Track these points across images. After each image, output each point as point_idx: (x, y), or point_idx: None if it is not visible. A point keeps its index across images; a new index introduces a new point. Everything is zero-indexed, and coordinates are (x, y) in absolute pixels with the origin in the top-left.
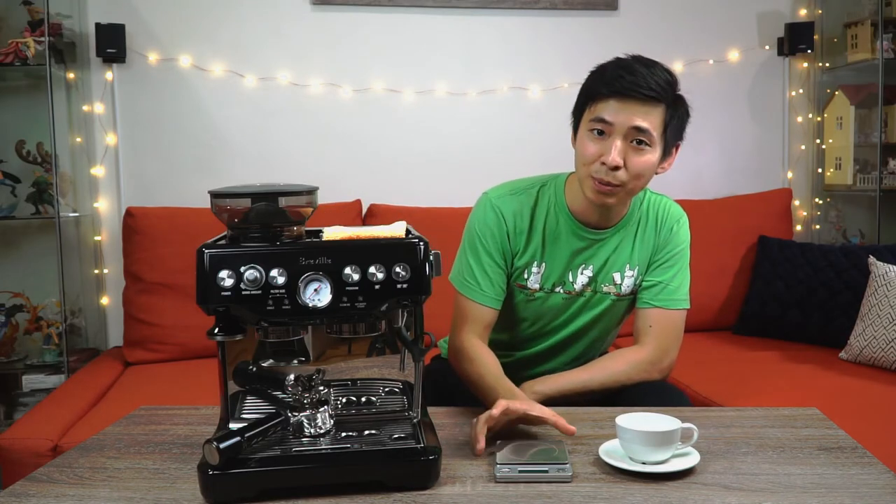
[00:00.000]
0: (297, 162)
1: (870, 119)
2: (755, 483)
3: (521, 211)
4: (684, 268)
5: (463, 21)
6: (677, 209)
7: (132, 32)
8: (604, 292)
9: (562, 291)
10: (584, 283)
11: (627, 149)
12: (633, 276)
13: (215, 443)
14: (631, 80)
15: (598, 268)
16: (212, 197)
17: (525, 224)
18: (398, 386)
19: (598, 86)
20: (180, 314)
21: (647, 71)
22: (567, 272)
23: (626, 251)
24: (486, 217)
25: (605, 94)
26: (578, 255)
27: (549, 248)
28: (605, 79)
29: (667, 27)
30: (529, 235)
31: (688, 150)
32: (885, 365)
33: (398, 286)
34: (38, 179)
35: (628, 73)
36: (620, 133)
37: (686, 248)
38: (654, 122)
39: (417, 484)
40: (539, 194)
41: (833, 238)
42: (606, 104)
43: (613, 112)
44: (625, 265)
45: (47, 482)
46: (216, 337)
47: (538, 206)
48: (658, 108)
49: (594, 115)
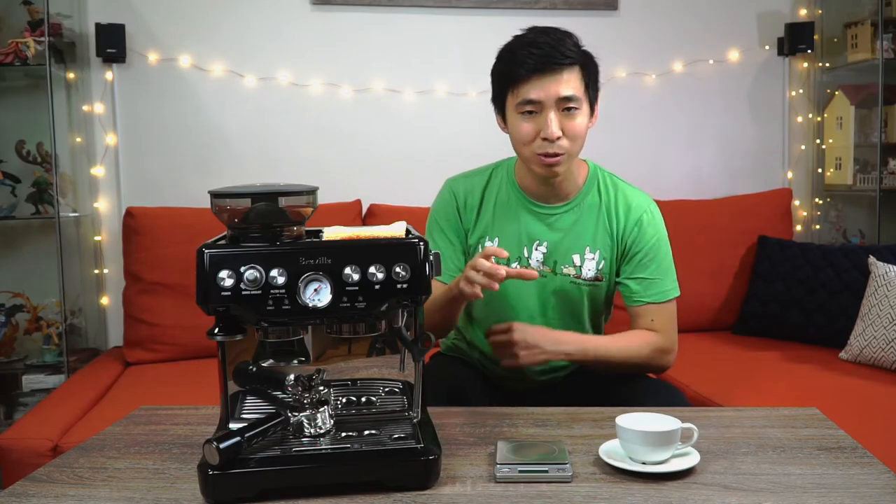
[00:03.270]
0: (297, 162)
1: (870, 119)
2: (755, 483)
3: (472, 189)
4: (666, 257)
5: (463, 21)
6: (642, 199)
7: (132, 32)
8: (563, 273)
9: (517, 266)
10: (540, 261)
11: (561, 118)
12: (595, 261)
13: (215, 443)
14: (541, 53)
15: (553, 245)
16: (212, 197)
17: (476, 200)
18: (398, 386)
19: (514, 69)
20: (180, 314)
21: (552, 39)
22: (521, 247)
23: (586, 233)
24: (441, 197)
25: (524, 74)
26: (532, 231)
27: (500, 223)
28: (517, 60)
29: (667, 27)
30: (480, 211)
31: (688, 150)
32: (885, 365)
33: (398, 286)
34: (38, 179)
35: (537, 49)
36: (551, 106)
37: (662, 238)
38: (576, 85)
39: (417, 484)
40: (492, 174)
41: (833, 238)
42: (528, 84)
43: (537, 89)
44: (584, 247)
45: (47, 482)
46: (216, 337)
47: (490, 184)
48: (574, 70)
49: (520, 98)
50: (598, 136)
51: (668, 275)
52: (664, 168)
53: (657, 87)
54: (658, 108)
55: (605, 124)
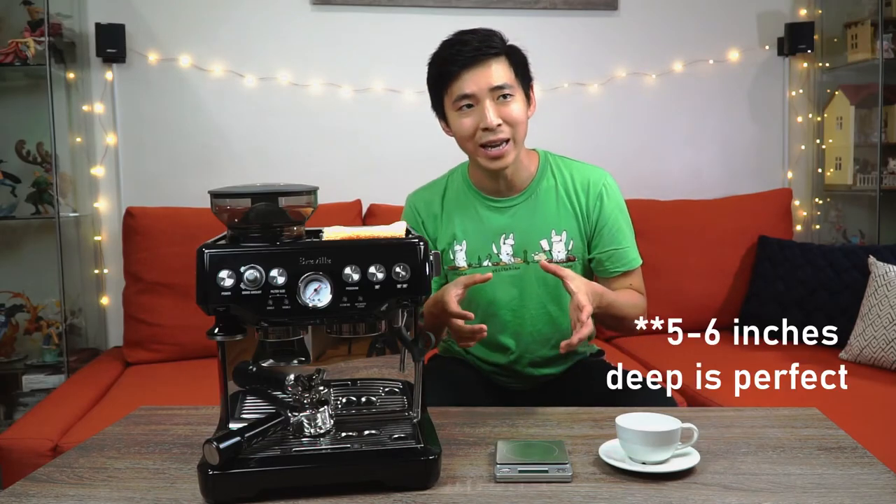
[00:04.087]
0: (297, 162)
1: (870, 119)
2: (755, 483)
3: (431, 199)
4: (629, 225)
5: (463, 21)
6: (597, 173)
7: (132, 32)
8: (535, 261)
9: (489, 264)
10: (511, 253)
11: (497, 106)
12: (563, 242)
13: (215, 443)
14: (467, 49)
15: (520, 235)
16: (212, 197)
17: (437, 209)
18: (398, 386)
19: (445, 69)
20: (180, 314)
21: (475, 36)
22: (490, 244)
23: (548, 217)
24: (405, 214)
25: (455, 71)
26: (496, 227)
27: (463, 226)
28: (446, 60)
29: (667, 27)
30: (442, 218)
31: (688, 150)
32: (885, 365)
33: (398, 286)
34: (38, 179)
35: (463, 45)
36: (485, 97)
37: (623, 208)
38: (506, 73)
39: (417, 484)
40: (448, 181)
41: (833, 238)
42: (460, 80)
43: (469, 83)
44: (550, 231)
45: (47, 482)
46: (216, 337)
47: (447, 190)
48: (501, 60)
49: (455, 95)
50: (599, 135)
51: (633, 243)
52: (664, 168)
53: (657, 87)
54: (658, 108)
55: (606, 124)
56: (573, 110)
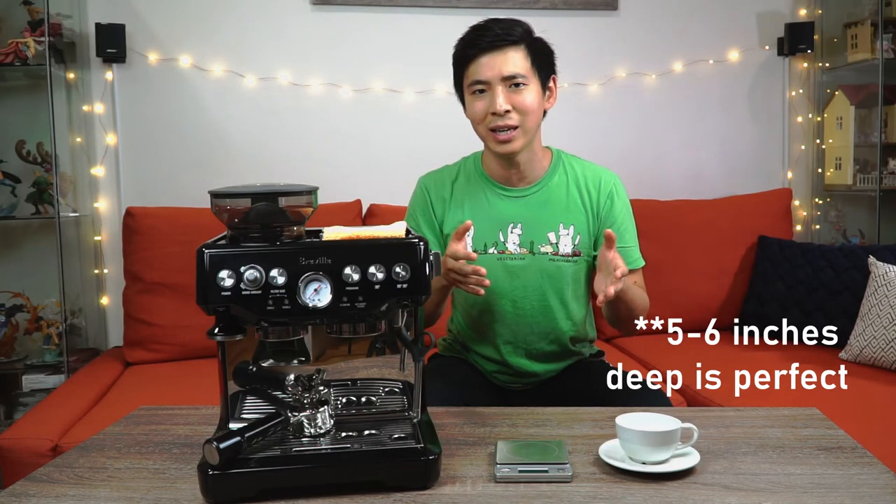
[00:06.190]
0: (297, 162)
1: (870, 119)
2: (755, 483)
3: (442, 182)
4: (634, 229)
5: (463, 21)
6: (609, 174)
7: (132, 32)
8: (541, 252)
9: (495, 252)
10: (517, 243)
11: (509, 94)
12: (571, 236)
13: (215, 443)
14: (488, 35)
15: (528, 226)
16: (212, 197)
17: (446, 192)
18: (398, 386)
19: (465, 51)
20: (180, 314)
21: (499, 23)
22: (497, 232)
23: (558, 210)
24: (415, 193)
25: (472, 54)
26: (505, 215)
27: (472, 210)
28: (467, 43)
29: (667, 27)
30: (451, 202)
31: (688, 150)
32: (885, 365)
33: (398, 286)
34: (38, 179)
35: (485, 31)
36: (497, 84)
37: (630, 210)
38: (521, 63)
39: (417, 484)
40: (461, 167)
41: (833, 238)
42: (477, 65)
43: (484, 69)
44: (558, 224)
45: (47, 482)
46: (216, 337)
47: (459, 175)
48: (519, 49)
49: (470, 79)
50: (599, 135)
51: (636, 245)
52: (664, 168)
53: (657, 87)
54: (658, 108)
55: (606, 124)
56: (573, 110)
